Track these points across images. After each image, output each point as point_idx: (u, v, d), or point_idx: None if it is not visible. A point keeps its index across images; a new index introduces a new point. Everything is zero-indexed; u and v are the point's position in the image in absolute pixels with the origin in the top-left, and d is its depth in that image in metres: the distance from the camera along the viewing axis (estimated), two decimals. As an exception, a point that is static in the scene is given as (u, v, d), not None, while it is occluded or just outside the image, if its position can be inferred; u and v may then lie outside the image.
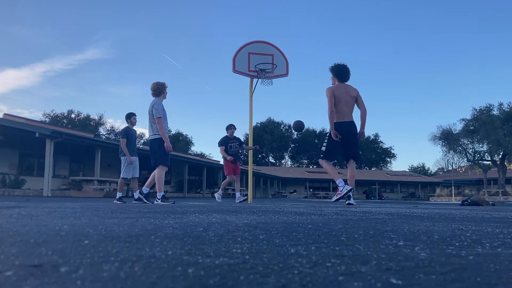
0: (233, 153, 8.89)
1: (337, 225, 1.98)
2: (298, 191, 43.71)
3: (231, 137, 8.95)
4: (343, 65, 5.98)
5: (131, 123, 7.66)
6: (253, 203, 7.58)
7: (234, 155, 8.89)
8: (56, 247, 1.09)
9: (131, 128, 7.68)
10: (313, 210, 3.86)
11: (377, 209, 4.51)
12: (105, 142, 21.54)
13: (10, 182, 16.29)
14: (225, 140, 8.91)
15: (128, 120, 7.65)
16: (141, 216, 2.47)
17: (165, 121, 6.25)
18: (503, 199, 26.96)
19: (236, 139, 9.01)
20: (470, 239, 1.47)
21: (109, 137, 51.86)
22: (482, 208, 6.16)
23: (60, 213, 2.73)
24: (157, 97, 6.30)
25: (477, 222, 2.47)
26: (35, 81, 71.72)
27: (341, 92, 5.81)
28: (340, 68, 5.94)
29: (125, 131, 7.59)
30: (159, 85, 6.34)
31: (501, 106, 33.51)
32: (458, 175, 51.67)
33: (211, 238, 1.35)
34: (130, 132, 7.59)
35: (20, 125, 16.04)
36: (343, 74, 5.92)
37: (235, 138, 9.04)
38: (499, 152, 33.73)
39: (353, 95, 5.87)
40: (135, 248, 1.10)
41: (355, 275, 0.79)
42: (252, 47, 9.05)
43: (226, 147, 8.82)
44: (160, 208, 4.03)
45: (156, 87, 6.33)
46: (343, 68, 5.95)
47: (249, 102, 9.03)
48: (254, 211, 3.41)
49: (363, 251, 1.11)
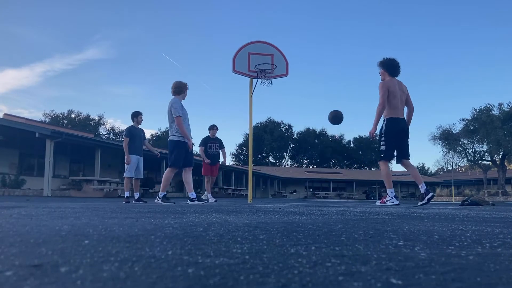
0: (213, 154, 8.95)
1: (337, 225, 1.98)
2: (298, 191, 43.71)
3: (212, 138, 9.03)
4: (394, 59, 5.77)
5: (137, 122, 7.49)
6: (253, 203, 7.58)
7: (213, 156, 8.95)
8: (56, 247, 1.09)
9: (136, 127, 7.50)
10: (313, 210, 3.86)
11: (377, 209, 4.51)
12: (105, 142, 21.55)
13: (10, 182, 16.29)
14: (206, 140, 8.99)
15: (134, 118, 7.48)
16: (141, 216, 2.47)
17: (185, 120, 6.17)
18: (503, 199, 26.96)
19: (217, 140, 9.07)
20: (470, 239, 1.47)
21: (109, 137, 51.89)
22: (482, 208, 6.16)
23: (60, 213, 2.73)
24: (177, 96, 6.24)
25: (477, 222, 2.47)
26: (35, 81, 71.77)
27: (395, 87, 5.61)
28: (392, 62, 5.73)
29: (128, 130, 7.44)
30: (181, 84, 6.29)
31: (501, 106, 33.50)
32: (458, 175, 51.69)
33: (211, 238, 1.35)
34: (134, 132, 7.42)
35: (20, 125, 16.06)
36: (395, 68, 5.71)
37: (216, 139, 9.08)
38: (499, 152, 33.72)
39: (405, 92, 5.72)
40: (135, 248, 1.10)
41: (355, 275, 0.79)
42: (252, 47, 9.04)
43: (206, 148, 8.90)
44: (160, 208, 4.03)
45: (177, 85, 6.28)
46: (395, 62, 5.74)
47: (249, 102, 9.02)
48: (254, 211, 3.41)
49: (363, 251, 1.11)
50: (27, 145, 17.91)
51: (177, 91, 6.25)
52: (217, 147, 9.01)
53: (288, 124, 62.44)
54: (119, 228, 1.64)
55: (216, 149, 9.00)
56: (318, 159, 61.35)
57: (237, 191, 27.07)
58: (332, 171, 49.33)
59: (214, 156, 8.99)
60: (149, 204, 5.92)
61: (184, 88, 6.30)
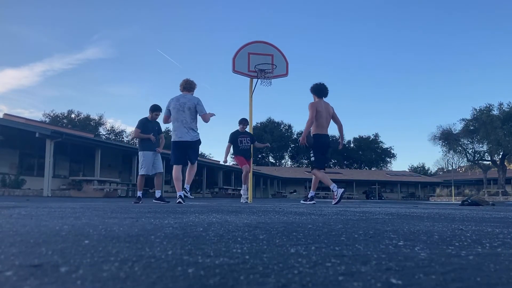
0: (245, 149, 8.47)
1: (337, 225, 1.98)
2: (298, 191, 43.70)
3: (242, 132, 8.51)
4: (321, 84, 6.84)
5: (151, 117, 7.08)
6: (253, 203, 7.57)
7: (246, 150, 8.46)
8: (56, 247, 1.09)
9: (150, 120, 7.08)
10: (313, 210, 3.86)
11: (377, 209, 4.51)
12: (105, 142, 21.55)
13: (10, 182, 16.29)
14: (235, 134, 8.51)
15: (151, 113, 7.07)
16: (141, 216, 2.47)
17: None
18: (503, 199, 26.96)
19: (247, 134, 8.58)
20: (470, 239, 1.47)
21: (109, 137, 51.88)
22: (482, 208, 6.16)
23: (60, 213, 2.73)
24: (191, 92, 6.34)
25: (477, 222, 2.47)
26: (34, 80, 71.66)
27: (322, 107, 6.68)
28: (319, 86, 6.80)
29: (141, 122, 7.03)
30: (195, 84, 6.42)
31: (501, 106, 33.48)
32: (458, 175, 51.67)
33: (211, 238, 1.35)
34: (147, 125, 7.01)
35: (20, 125, 16.05)
36: (322, 91, 6.79)
37: (247, 133, 8.60)
38: (499, 152, 33.70)
39: (331, 112, 6.80)
40: (135, 248, 1.10)
41: (355, 275, 0.79)
42: (252, 47, 9.05)
43: (236, 142, 8.44)
44: (160, 208, 4.03)
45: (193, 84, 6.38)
46: (322, 86, 6.81)
47: (249, 102, 9.02)
48: (254, 211, 3.41)
49: (363, 251, 1.11)
50: (27, 145, 17.91)
51: (191, 88, 6.38)
52: (248, 141, 8.52)
53: (288, 124, 62.47)
54: (119, 228, 1.64)
55: (247, 143, 8.50)
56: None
57: (237, 191, 27.06)
58: (332, 171, 49.30)
59: (246, 150, 8.48)
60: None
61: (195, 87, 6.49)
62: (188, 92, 6.32)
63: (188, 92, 6.32)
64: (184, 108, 6.16)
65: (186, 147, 6.23)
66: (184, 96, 6.25)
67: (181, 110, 6.16)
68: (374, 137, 63.31)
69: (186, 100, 6.19)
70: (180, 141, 6.21)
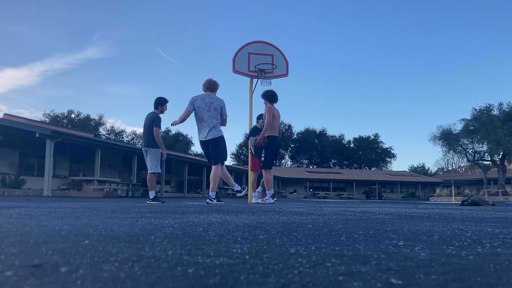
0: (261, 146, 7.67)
1: (337, 225, 1.98)
2: (298, 191, 43.70)
3: (260, 128, 7.91)
4: (271, 91, 7.49)
5: (160, 111, 6.67)
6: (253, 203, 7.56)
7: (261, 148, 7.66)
8: (56, 247, 1.09)
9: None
10: (313, 210, 3.86)
11: (377, 209, 4.51)
12: (105, 142, 21.55)
13: (10, 182, 16.29)
14: (255, 130, 8.06)
15: (160, 106, 6.62)
16: (141, 216, 2.47)
17: None
18: (503, 199, 26.96)
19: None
20: (470, 239, 1.47)
21: (109, 137, 51.89)
22: (482, 208, 6.16)
23: (60, 213, 2.73)
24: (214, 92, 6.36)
25: (477, 222, 2.47)
26: (34, 80, 71.67)
27: (276, 112, 7.31)
28: (271, 93, 7.38)
29: (159, 120, 6.57)
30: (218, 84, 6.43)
31: (501, 106, 33.49)
32: (458, 175, 51.67)
33: (211, 238, 1.35)
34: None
35: (20, 125, 16.05)
36: (273, 97, 7.36)
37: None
38: (499, 152, 33.70)
39: (280, 116, 7.49)
40: (135, 248, 1.10)
41: (355, 275, 0.79)
42: (252, 47, 9.05)
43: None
44: (160, 208, 4.03)
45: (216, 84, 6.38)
46: (274, 93, 7.43)
47: (249, 102, 9.02)
48: (254, 211, 3.41)
49: (363, 251, 1.11)
50: (27, 145, 17.91)
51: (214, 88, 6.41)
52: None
53: (288, 124, 62.39)
54: (119, 228, 1.64)
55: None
56: (318, 159, 61.33)
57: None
58: (332, 171, 49.31)
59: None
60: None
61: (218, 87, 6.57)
62: (212, 92, 6.35)
63: (212, 92, 6.35)
64: (210, 108, 6.18)
65: (208, 145, 6.28)
66: (209, 96, 6.27)
67: (207, 110, 6.17)
68: (374, 137, 63.32)
69: (212, 100, 6.21)
70: (203, 140, 6.27)
